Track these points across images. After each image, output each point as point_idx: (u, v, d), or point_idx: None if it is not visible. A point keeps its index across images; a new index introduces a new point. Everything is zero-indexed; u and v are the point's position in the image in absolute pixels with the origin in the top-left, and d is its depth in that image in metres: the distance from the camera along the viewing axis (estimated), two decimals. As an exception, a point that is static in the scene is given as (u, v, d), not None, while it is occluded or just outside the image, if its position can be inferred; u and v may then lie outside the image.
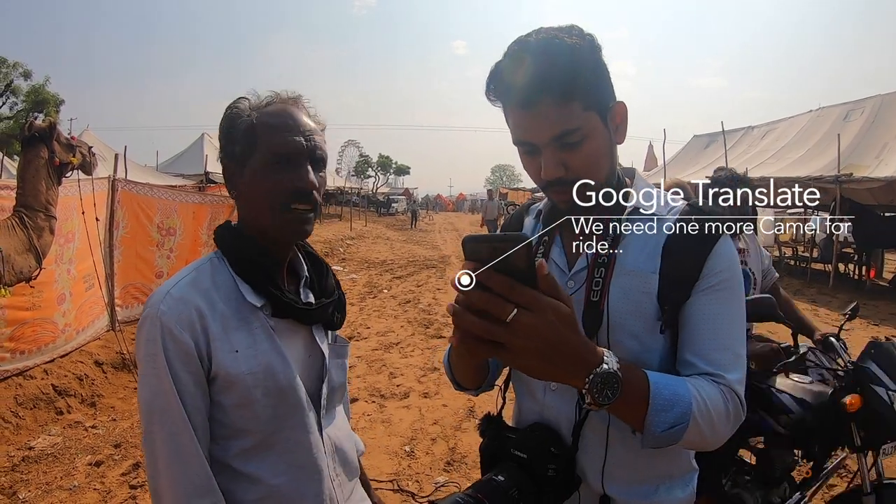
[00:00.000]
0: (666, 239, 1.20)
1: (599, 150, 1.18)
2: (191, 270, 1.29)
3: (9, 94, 34.01)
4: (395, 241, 23.79)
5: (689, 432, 1.04)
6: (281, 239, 1.32)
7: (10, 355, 5.13)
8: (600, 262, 1.22)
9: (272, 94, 1.34)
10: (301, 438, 1.31)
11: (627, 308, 1.18)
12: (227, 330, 1.23)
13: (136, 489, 3.95)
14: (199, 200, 8.87)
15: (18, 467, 4.23)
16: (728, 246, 1.20)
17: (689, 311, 1.17)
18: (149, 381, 1.18)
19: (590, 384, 0.94)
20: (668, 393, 1.04)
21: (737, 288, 1.20)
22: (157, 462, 1.18)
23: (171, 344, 1.17)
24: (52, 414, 5.10)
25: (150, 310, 1.20)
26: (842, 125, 14.25)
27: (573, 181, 1.17)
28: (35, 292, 5.16)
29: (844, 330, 3.14)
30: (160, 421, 1.17)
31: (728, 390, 1.11)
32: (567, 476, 1.21)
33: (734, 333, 1.17)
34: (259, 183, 1.26)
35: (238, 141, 1.28)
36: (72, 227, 5.89)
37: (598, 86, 1.15)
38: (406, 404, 5.58)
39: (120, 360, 6.28)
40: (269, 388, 1.25)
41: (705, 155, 20.21)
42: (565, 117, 1.12)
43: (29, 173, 3.61)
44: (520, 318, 0.85)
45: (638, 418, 1.04)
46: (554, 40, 1.11)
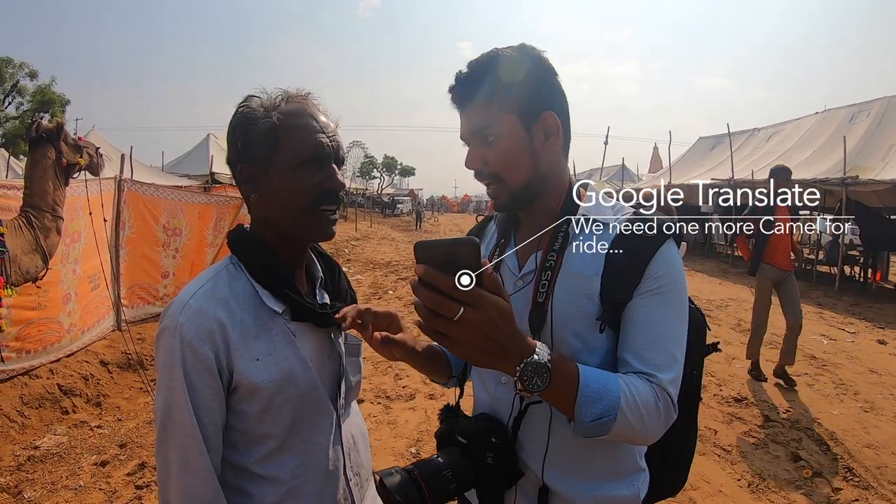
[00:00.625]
0: (610, 243, 1.27)
1: (514, 151, 1.28)
2: (208, 279, 1.28)
3: (15, 94, 34.12)
4: (401, 241, 23.77)
5: (618, 425, 1.11)
6: (306, 240, 1.34)
7: (15, 355, 5.15)
8: (547, 266, 1.31)
9: (281, 92, 1.32)
10: (320, 439, 1.33)
11: (570, 309, 1.26)
12: (247, 339, 1.23)
13: (142, 489, 3.95)
14: (205, 201, 8.88)
15: (24, 466, 4.24)
16: (671, 250, 1.27)
17: (629, 312, 1.23)
18: (165, 392, 1.18)
19: (520, 372, 1.03)
20: (597, 386, 1.11)
21: (677, 291, 1.26)
22: (168, 471, 1.19)
23: (191, 357, 1.17)
24: (57, 413, 5.12)
25: (168, 321, 1.20)
26: (848, 127, 14.21)
27: (491, 175, 1.31)
28: (41, 292, 5.17)
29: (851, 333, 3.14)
30: (173, 431, 1.18)
31: (660, 389, 1.17)
32: (506, 465, 1.29)
33: (670, 335, 1.23)
34: (286, 185, 1.25)
35: (259, 142, 1.26)
36: (78, 227, 5.91)
37: (523, 93, 1.27)
38: (412, 406, 5.56)
39: (125, 359, 6.29)
40: (291, 393, 1.26)
41: (711, 157, 20.18)
42: (482, 116, 1.27)
43: (36, 174, 3.62)
44: (464, 316, 0.94)
45: (568, 407, 1.12)
46: (492, 53, 1.28)
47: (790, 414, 5.36)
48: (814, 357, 7.21)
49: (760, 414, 5.34)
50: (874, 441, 4.77)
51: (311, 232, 1.30)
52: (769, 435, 4.90)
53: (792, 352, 6.11)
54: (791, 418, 5.25)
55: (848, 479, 4.18)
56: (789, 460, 4.46)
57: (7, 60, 33.03)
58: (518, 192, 1.32)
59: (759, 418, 5.25)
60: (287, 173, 1.25)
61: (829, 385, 6.19)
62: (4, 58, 33.04)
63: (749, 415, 5.34)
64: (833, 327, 8.85)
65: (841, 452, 4.56)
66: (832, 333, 8.39)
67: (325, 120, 1.31)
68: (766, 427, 5.07)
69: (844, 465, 4.37)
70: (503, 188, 1.32)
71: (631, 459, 1.35)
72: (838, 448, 4.64)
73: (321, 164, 1.27)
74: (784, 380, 6.14)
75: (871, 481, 4.11)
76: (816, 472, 4.25)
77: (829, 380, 6.35)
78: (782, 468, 4.33)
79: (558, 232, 1.33)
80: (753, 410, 5.44)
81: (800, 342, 7.70)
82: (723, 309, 10.35)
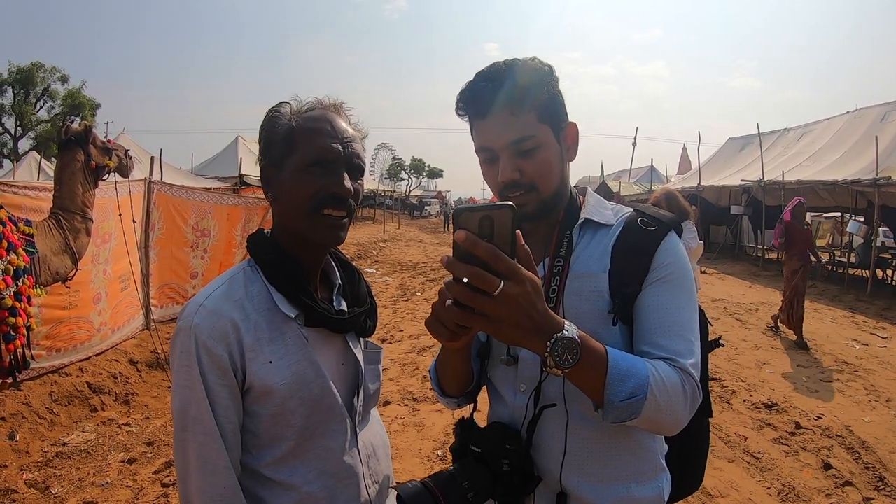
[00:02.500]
0: (615, 241, 1.31)
1: (551, 160, 1.30)
2: (224, 281, 1.30)
3: (46, 97, 34.92)
4: (429, 243, 23.81)
5: (648, 405, 1.09)
6: (314, 243, 1.33)
7: (46, 353, 5.24)
8: (555, 271, 1.32)
9: (314, 101, 1.35)
10: (334, 446, 1.33)
11: (582, 308, 1.28)
12: (261, 341, 1.24)
13: (168, 487, 4.00)
14: (234, 202, 8.97)
15: (52, 462, 4.32)
16: (673, 241, 1.30)
17: (641, 303, 1.25)
18: (182, 392, 1.20)
19: (551, 348, 1.00)
20: (625, 364, 1.09)
21: (684, 279, 1.28)
22: (187, 469, 1.21)
23: (206, 356, 1.19)
24: (86, 411, 5.20)
25: (184, 322, 1.22)
26: (879, 127, 13.90)
27: (528, 186, 1.29)
28: (71, 292, 5.27)
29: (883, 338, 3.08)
30: (192, 430, 1.20)
31: (684, 373, 1.16)
32: (522, 471, 1.27)
33: (685, 321, 1.24)
34: (295, 186, 1.27)
35: (277, 144, 1.30)
36: (108, 228, 6.00)
37: (552, 104, 1.29)
38: (439, 408, 5.52)
39: (154, 359, 6.38)
40: (304, 397, 1.26)
41: (740, 158, 19.91)
42: (521, 125, 1.26)
43: (66, 176, 3.67)
44: (504, 289, 0.91)
45: (598, 387, 1.08)
46: (515, 62, 1.29)
47: (821, 421, 5.25)
48: (846, 362, 7.07)
49: (791, 420, 5.25)
50: (908, 450, 4.65)
51: (316, 234, 1.29)
52: (800, 442, 4.82)
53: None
54: (822, 425, 5.15)
55: (879, 488, 4.08)
56: (820, 468, 4.37)
57: (38, 65, 33.82)
58: (548, 201, 1.33)
59: (789, 425, 5.16)
60: (295, 175, 1.27)
61: (861, 391, 6.06)
62: (36, 62, 33.87)
63: (779, 421, 5.25)
64: (865, 332, 8.68)
65: (873, 461, 4.46)
66: (864, 338, 8.20)
67: (342, 127, 1.32)
68: (796, 434, 4.98)
69: (876, 474, 4.27)
70: (535, 197, 1.30)
71: (654, 459, 1.34)
72: (870, 456, 4.54)
73: (329, 169, 1.27)
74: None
75: (904, 491, 4.00)
76: (847, 480, 4.17)
77: (862, 386, 6.22)
78: (813, 476, 4.24)
79: (563, 238, 1.35)
80: (784, 417, 5.35)
81: (831, 347, 7.56)
82: (753, 312, 10.19)
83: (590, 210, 1.38)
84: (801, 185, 14.31)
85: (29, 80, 33.50)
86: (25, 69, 33.28)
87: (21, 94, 33.95)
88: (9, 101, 33.85)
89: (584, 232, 1.36)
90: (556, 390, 1.28)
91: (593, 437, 1.27)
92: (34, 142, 33.61)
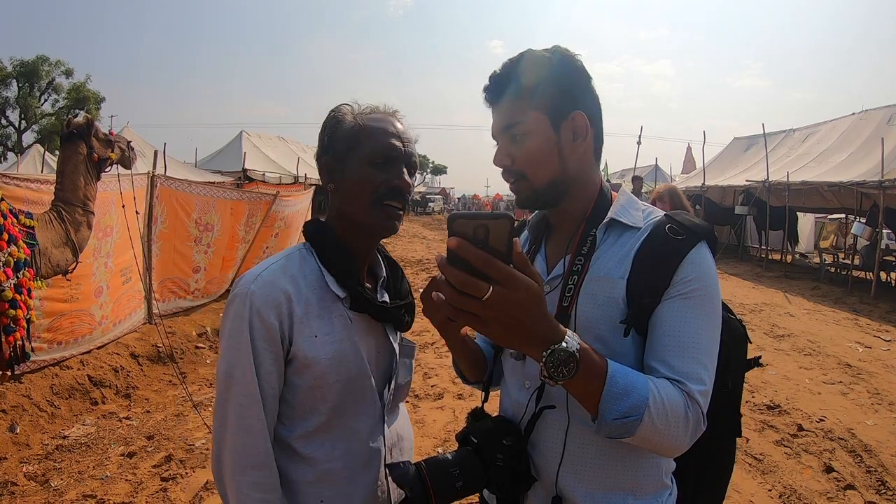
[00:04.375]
0: (639, 246, 1.25)
1: (540, 149, 1.28)
2: (281, 258, 1.41)
3: (51, 91, 34.99)
4: (432, 240, 23.79)
5: (643, 426, 1.06)
6: (371, 231, 1.44)
7: (47, 346, 5.24)
8: (574, 270, 1.29)
9: (371, 106, 1.49)
10: (362, 427, 1.41)
11: (595, 312, 1.24)
12: (310, 315, 1.34)
13: (168, 481, 4.00)
14: (237, 197, 8.98)
15: (52, 455, 4.32)
16: (701, 254, 1.22)
17: (658, 316, 1.19)
18: (230, 353, 1.30)
19: (546, 358, 0.99)
20: (625, 382, 1.06)
21: (709, 297, 1.20)
22: (224, 429, 1.31)
23: (258, 323, 1.29)
24: (86, 404, 5.21)
25: (241, 288, 1.32)
26: (886, 129, 13.84)
27: (517, 174, 1.31)
28: (73, 285, 5.27)
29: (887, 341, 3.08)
30: (234, 391, 1.30)
31: (690, 397, 1.11)
32: (516, 469, 1.27)
33: (701, 343, 1.16)
34: (359, 178, 1.39)
35: (342, 140, 1.42)
36: (110, 221, 6.00)
37: (553, 91, 1.27)
38: (440, 405, 5.54)
39: (156, 352, 6.38)
40: (341, 375, 1.36)
41: (745, 158, 19.85)
42: (512, 112, 1.28)
43: (68, 169, 3.66)
44: (493, 296, 0.90)
45: (592, 402, 1.07)
46: (526, 53, 1.29)
47: (824, 423, 5.23)
48: (849, 365, 7.04)
49: (793, 422, 5.23)
50: (911, 453, 4.63)
51: (375, 223, 1.40)
52: (802, 445, 4.80)
53: None
54: (824, 428, 5.13)
55: (881, 492, 4.06)
56: (822, 471, 4.36)
57: (43, 59, 33.88)
58: (541, 191, 1.31)
59: (791, 427, 5.14)
60: (361, 168, 1.39)
61: (864, 394, 6.04)
62: (41, 56, 33.90)
63: (782, 423, 5.23)
64: (868, 335, 8.65)
65: (875, 465, 4.44)
66: (867, 341, 8.18)
67: (402, 128, 1.45)
68: (798, 436, 4.96)
69: (878, 477, 4.25)
70: (526, 185, 1.31)
71: (655, 474, 1.28)
72: (872, 460, 4.52)
73: (392, 164, 1.40)
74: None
75: (906, 495, 3.99)
76: (849, 484, 4.15)
77: (864, 389, 6.20)
78: (815, 479, 4.23)
79: (587, 236, 1.31)
80: (786, 419, 5.33)
81: (835, 350, 7.54)
82: (756, 313, 10.17)
83: (617, 210, 1.32)
84: (806, 185, 14.27)
85: (33, 73, 33.55)
86: (30, 62, 33.33)
87: (26, 87, 33.99)
88: (13, 95, 33.90)
89: (610, 232, 1.31)
90: (559, 391, 1.24)
91: (593, 443, 1.23)
92: (38, 135, 33.70)
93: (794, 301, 11.64)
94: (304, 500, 1.37)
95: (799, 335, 8.47)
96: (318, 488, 1.37)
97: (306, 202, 12.61)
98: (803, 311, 10.65)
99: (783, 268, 15.93)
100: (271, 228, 10.13)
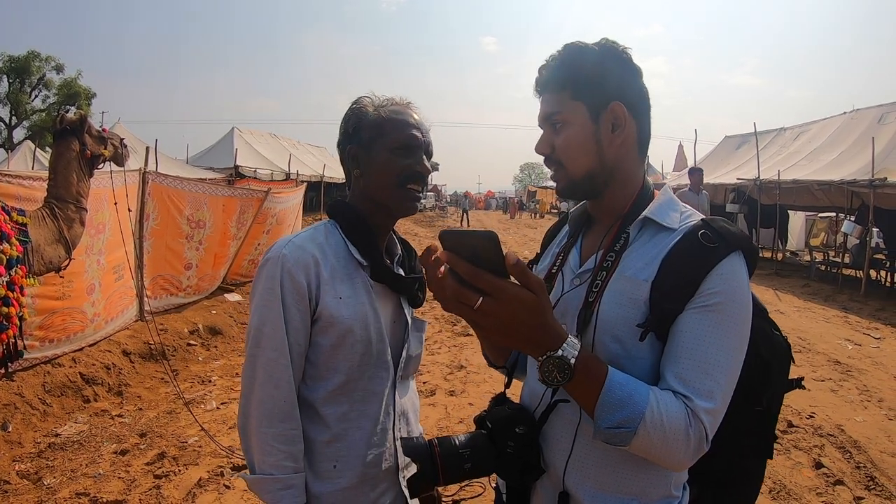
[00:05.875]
0: (669, 250, 1.21)
1: (577, 139, 1.28)
2: (308, 230, 1.55)
3: (41, 87, 34.80)
4: (424, 237, 23.76)
5: (637, 438, 1.06)
6: (394, 211, 1.58)
7: (39, 343, 5.22)
8: (604, 266, 1.28)
9: (388, 99, 1.63)
10: (377, 390, 1.53)
11: (616, 312, 1.22)
12: (335, 279, 1.48)
13: (161, 479, 4.00)
14: (229, 193, 8.96)
15: (44, 453, 4.31)
16: (733, 265, 1.17)
17: (678, 325, 1.16)
18: (262, 311, 1.43)
19: (541, 363, 1.04)
20: (622, 394, 1.07)
21: (736, 312, 1.15)
22: (253, 383, 1.43)
23: (288, 282, 1.41)
24: (79, 402, 5.19)
25: (273, 252, 1.45)
26: (877, 128, 13.88)
27: (557, 162, 1.32)
28: (65, 282, 5.24)
29: (876, 338, 3.09)
30: (264, 346, 1.42)
31: (694, 416, 1.08)
32: (526, 458, 1.28)
33: (720, 361, 1.12)
34: (385, 164, 1.53)
35: (366, 129, 1.56)
36: (102, 218, 5.97)
37: (593, 81, 1.27)
38: (432, 402, 5.55)
39: (148, 350, 6.36)
40: (361, 336, 1.48)
41: (736, 156, 19.91)
42: (554, 102, 1.30)
43: (60, 165, 3.65)
44: (482, 306, 0.97)
45: (589, 407, 1.10)
46: (571, 45, 1.30)
47: (813, 420, 5.28)
48: (838, 362, 7.09)
49: (783, 419, 5.25)
50: (899, 449, 4.67)
51: (397, 204, 1.55)
52: (791, 441, 4.84)
53: None
54: (814, 424, 5.17)
55: (870, 488, 4.10)
56: (811, 467, 4.39)
57: (34, 54, 33.66)
58: (577, 182, 1.31)
59: (781, 423, 5.15)
60: (386, 154, 1.53)
61: (854, 391, 6.08)
62: (31, 51, 33.68)
63: (771, 419, 5.24)
64: (858, 332, 8.72)
65: (864, 461, 4.48)
66: (857, 338, 8.25)
67: (419, 119, 1.60)
68: (788, 433, 5.00)
69: (867, 473, 4.29)
70: (563, 175, 1.32)
71: (663, 483, 1.25)
72: (861, 456, 4.56)
73: (413, 151, 1.54)
74: None
75: (893, 490, 4.03)
76: (838, 479, 4.19)
77: (854, 386, 6.24)
78: (804, 475, 4.26)
79: (622, 233, 1.29)
80: (775, 415, 5.34)
81: (824, 347, 7.58)
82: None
83: (653, 209, 1.29)
84: (797, 184, 14.32)
85: (24, 69, 33.29)
86: (21, 58, 33.07)
87: (16, 83, 33.74)
88: (3, 90, 33.62)
89: (644, 231, 1.29)
90: None
91: (600, 443, 1.17)
92: (29, 131, 33.44)
93: (785, 298, 11.70)
94: (319, 461, 1.49)
95: (789, 332, 8.45)
96: (333, 449, 1.49)
97: (298, 199, 12.58)
98: (794, 308, 10.71)
99: (774, 266, 15.99)
100: (263, 225, 10.12)
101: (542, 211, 50.80)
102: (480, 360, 6.86)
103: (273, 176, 22.10)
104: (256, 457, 1.42)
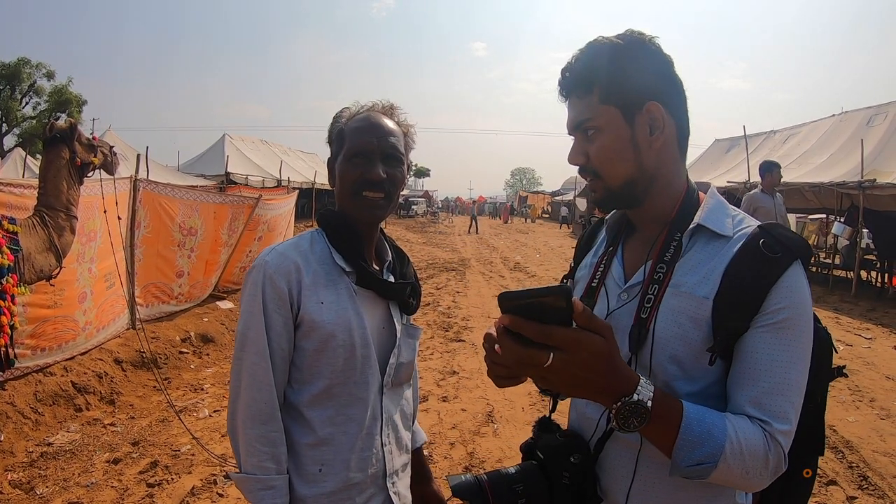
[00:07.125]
0: (728, 262, 1.13)
1: (613, 146, 1.19)
2: (294, 238, 1.59)
3: (32, 94, 34.72)
4: (415, 243, 23.80)
5: (718, 472, 1.01)
6: (356, 220, 1.57)
7: (30, 352, 5.18)
8: (656, 279, 1.19)
9: (369, 104, 1.64)
10: (361, 395, 1.53)
11: (674, 331, 1.14)
12: (317, 285, 1.49)
13: (153, 487, 3.99)
14: (221, 201, 8.93)
15: (37, 463, 4.28)
16: (796, 276, 1.10)
17: (745, 346, 1.09)
18: (246, 316, 1.46)
19: (616, 410, 0.98)
20: (700, 430, 1.01)
21: (802, 328, 1.10)
22: (239, 385, 1.47)
23: (269, 287, 1.44)
24: (71, 411, 5.16)
25: (258, 260, 1.49)
26: (865, 130, 14.01)
27: (593, 172, 1.23)
28: (56, 290, 5.21)
29: (867, 339, 3.10)
30: (248, 350, 1.45)
31: (772, 439, 1.04)
32: (582, 488, 1.20)
33: (791, 380, 1.07)
34: (342, 173, 1.56)
35: (335, 142, 1.61)
36: (93, 226, 5.94)
37: (624, 81, 1.17)
38: (424, 408, 5.53)
39: (139, 358, 6.33)
40: (345, 340, 1.48)
41: (726, 159, 20.01)
42: (582, 108, 1.21)
43: (50, 173, 3.63)
44: (555, 362, 0.92)
45: (666, 448, 1.04)
46: (596, 40, 1.21)
47: (805, 420, 5.27)
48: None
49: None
50: (890, 449, 4.70)
51: (357, 212, 1.56)
52: (783, 441, 4.83)
53: None
54: (806, 425, 5.16)
55: (863, 487, 4.12)
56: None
57: (25, 61, 33.60)
58: (616, 191, 1.23)
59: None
60: (344, 164, 1.56)
61: (846, 391, 6.11)
62: (22, 58, 33.65)
63: (763, 421, 5.26)
64: (849, 333, 8.75)
65: (856, 460, 4.51)
66: (848, 339, 8.28)
67: (380, 124, 1.58)
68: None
69: (860, 473, 4.32)
70: (601, 185, 1.24)
71: (729, 494, 1.19)
72: (853, 456, 4.59)
73: (366, 159, 1.53)
74: None
75: (886, 490, 4.06)
76: (831, 480, 4.21)
77: (846, 386, 6.26)
78: (796, 475, 4.26)
79: (671, 241, 1.20)
80: (768, 416, 5.36)
81: (816, 348, 7.59)
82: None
83: (706, 215, 1.20)
84: (787, 186, 14.40)
85: (15, 75, 33.25)
86: (11, 65, 32.98)
87: (7, 89, 33.68)
88: (-6, 98, 33.56)
89: (696, 240, 1.19)
90: None
91: (666, 467, 1.08)
92: (19, 138, 33.35)
93: (776, 300, 11.71)
94: (304, 464, 1.50)
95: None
96: (318, 452, 1.50)
97: (289, 206, 12.57)
98: (785, 310, 10.72)
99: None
100: (254, 232, 10.08)
101: (533, 216, 50.94)
102: (473, 365, 6.92)
103: (264, 183, 22.09)
104: (242, 456, 1.46)
